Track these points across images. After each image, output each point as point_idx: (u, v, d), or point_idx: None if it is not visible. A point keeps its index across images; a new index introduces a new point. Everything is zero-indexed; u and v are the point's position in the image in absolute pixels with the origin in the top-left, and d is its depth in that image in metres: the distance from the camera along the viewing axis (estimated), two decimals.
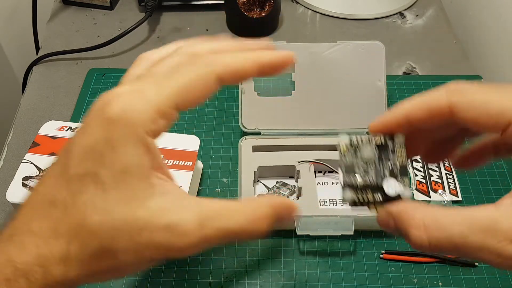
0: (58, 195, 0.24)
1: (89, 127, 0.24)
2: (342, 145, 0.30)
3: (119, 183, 0.23)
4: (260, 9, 0.69)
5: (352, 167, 0.29)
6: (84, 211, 0.23)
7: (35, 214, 0.24)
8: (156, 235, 0.23)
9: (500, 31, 0.69)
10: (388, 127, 0.28)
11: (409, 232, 0.24)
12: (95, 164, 0.23)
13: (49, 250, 0.23)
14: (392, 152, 0.29)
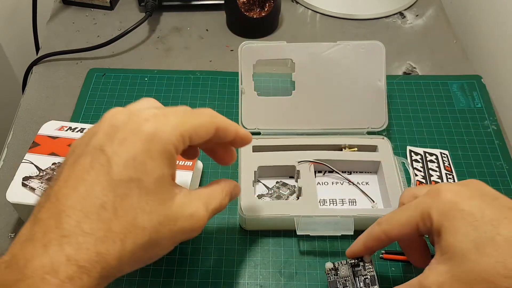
0: (105, 199, 0.28)
1: (127, 140, 0.29)
2: (327, 268, 0.43)
3: (157, 187, 0.29)
4: (260, 9, 0.69)
5: (335, 284, 0.42)
6: (134, 212, 0.28)
7: (85, 216, 0.27)
8: (184, 223, 0.31)
9: (500, 31, 0.69)
10: (358, 253, 0.41)
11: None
12: (138, 171, 0.29)
13: (106, 248, 0.27)
14: (363, 269, 0.43)
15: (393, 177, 0.51)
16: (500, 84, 0.68)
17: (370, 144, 0.54)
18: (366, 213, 0.49)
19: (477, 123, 0.60)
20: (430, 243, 0.37)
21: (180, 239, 0.32)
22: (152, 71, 0.66)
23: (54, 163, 0.48)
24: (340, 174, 0.53)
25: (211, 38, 0.72)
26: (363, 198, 0.52)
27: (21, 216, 0.49)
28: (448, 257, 0.32)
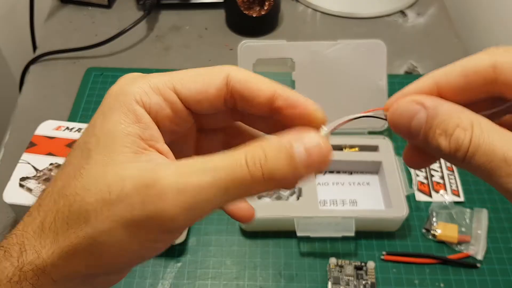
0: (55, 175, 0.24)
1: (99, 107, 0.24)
2: (331, 263, 0.44)
3: (103, 147, 0.22)
4: (259, 7, 0.69)
5: (338, 279, 0.43)
6: (69, 178, 0.22)
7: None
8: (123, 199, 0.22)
9: (502, 29, 0.69)
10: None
11: (451, 130, 0.21)
12: (87, 134, 0.23)
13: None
14: (366, 274, 0.43)
15: (394, 177, 0.50)
16: None
17: (371, 144, 0.54)
18: (367, 214, 0.48)
19: None
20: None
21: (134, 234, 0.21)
22: (151, 70, 0.65)
23: (51, 163, 0.48)
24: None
25: (210, 37, 0.72)
26: (364, 199, 0.52)
27: (18, 217, 0.49)
28: None
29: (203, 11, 0.75)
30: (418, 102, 0.22)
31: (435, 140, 0.21)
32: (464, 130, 0.20)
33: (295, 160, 0.20)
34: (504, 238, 0.50)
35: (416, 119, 0.22)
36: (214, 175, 0.20)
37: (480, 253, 0.48)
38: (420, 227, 0.50)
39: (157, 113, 0.23)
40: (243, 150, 0.21)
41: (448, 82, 0.23)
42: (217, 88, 0.23)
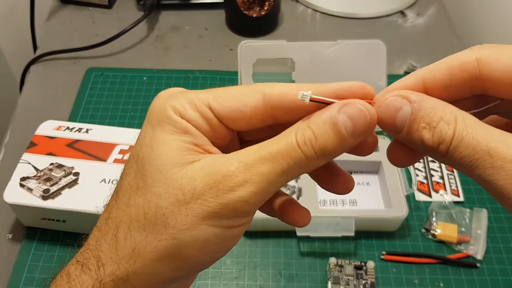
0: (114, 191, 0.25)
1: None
2: (331, 263, 0.44)
3: (159, 154, 0.23)
4: (259, 8, 0.69)
5: (338, 279, 0.43)
6: (133, 188, 0.23)
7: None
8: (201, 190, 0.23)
9: (502, 29, 0.69)
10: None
11: (435, 123, 0.21)
12: (139, 145, 0.24)
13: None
14: (366, 273, 0.43)
15: (394, 177, 0.51)
16: None
17: None
18: (367, 214, 0.48)
19: None
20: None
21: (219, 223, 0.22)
22: (151, 71, 0.66)
23: (52, 163, 0.48)
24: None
25: (211, 37, 0.72)
26: (364, 199, 0.52)
27: (18, 217, 0.49)
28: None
29: (203, 11, 0.75)
30: (404, 97, 0.22)
31: (419, 133, 0.21)
32: (448, 123, 0.20)
33: (342, 131, 0.21)
34: (504, 238, 0.50)
35: (401, 113, 0.22)
36: (273, 162, 0.21)
37: (480, 253, 0.48)
38: (419, 227, 0.50)
39: (196, 127, 0.24)
40: (293, 132, 0.22)
41: (433, 78, 0.23)
42: (252, 107, 0.23)
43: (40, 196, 0.45)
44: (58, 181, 0.46)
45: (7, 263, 0.47)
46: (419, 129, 0.21)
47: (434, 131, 0.21)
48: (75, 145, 0.49)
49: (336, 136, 0.21)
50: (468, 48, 0.23)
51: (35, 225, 0.49)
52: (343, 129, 0.21)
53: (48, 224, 0.48)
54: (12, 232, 0.50)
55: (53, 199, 0.45)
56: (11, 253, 0.48)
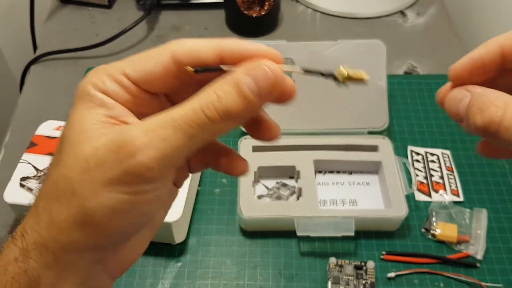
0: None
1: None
2: (331, 263, 0.45)
3: (75, 132, 0.24)
4: (259, 8, 0.69)
5: (338, 279, 0.43)
6: (53, 165, 0.24)
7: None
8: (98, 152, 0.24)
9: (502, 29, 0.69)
10: (468, 71, 0.26)
11: (486, 107, 0.23)
12: (64, 126, 0.25)
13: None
14: (366, 273, 0.44)
15: (394, 177, 0.51)
16: None
17: (370, 144, 0.54)
18: (367, 214, 0.48)
19: None
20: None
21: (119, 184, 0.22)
22: None
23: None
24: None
25: (210, 37, 0.71)
26: (364, 199, 0.52)
27: (18, 217, 0.49)
28: None
29: (203, 11, 0.75)
30: (467, 89, 0.25)
31: (473, 117, 0.23)
32: (497, 107, 0.22)
33: (246, 92, 0.22)
34: (504, 238, 0.50)
35: (463, 102, 0.24)
36: (174, 126, 0.22)
37: (480, 253, 0.48)
38: (419, 227, 0.50)
39: (116, 97, 0.24)
40: (197, 97, 0.22)
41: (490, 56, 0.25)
42: (163, 66, 0.24)
43: None
44: None
45: None
46: (474, 113, 0.23)
47: (485, 113, 0.23)
48: None
49: (241, 98, 0.22)
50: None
51: None
52: (247, 90, 0.22)
53: None
54: (12, 232, 0.49)
55: None
56: None
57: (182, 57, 0.24)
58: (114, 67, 0.24)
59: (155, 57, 0.24)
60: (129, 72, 0.24)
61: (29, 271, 0.23)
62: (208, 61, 0.24)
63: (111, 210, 0.22)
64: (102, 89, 0.24)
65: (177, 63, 0.24)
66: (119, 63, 0.25)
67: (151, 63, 0.24)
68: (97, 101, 0.24)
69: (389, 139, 0.54)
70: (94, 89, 0.24)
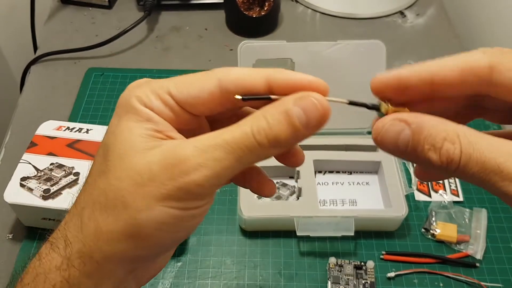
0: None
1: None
2: (331, 263, 0.45)
3: (122, 141, 0.24)
4: (259, 8, 0.69)
5: (338, 279, 0.44)
6: (98, 173, 0.25)
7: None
8: (159, 173, 0.24)
9: (501, 29, 0.69)
10: (400, 88, 0.25)
11: (440, 144, 0.21)
12: (106, 134, 0.25)
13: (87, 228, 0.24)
14: (365, 273, 0.44)
15: (394, 177, 0.51)
16: None
17: (370, 144, 0.54)
18: (366, 214, 0.48)
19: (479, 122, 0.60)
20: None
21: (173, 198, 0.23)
22: (151, 71, 0.66)
23: (52, 163, 0.48)
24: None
25: (210, 37, 0.72)
26: (364, 198, 0.52)
27: (19, 216, 0.49)
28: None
29: (203, 11, 0.75)
30: (401, 120, 0.23)
31: (425, 155, 0.22)
32: (452, 142, 0.21)
33: (295, 122, 0.22)
34: (503, 237, 0.50)
35: (402, 137, 0.22)
36: (226, 148, 0.23)
37: (479, 252, 0.48)
38: (419, 226, 0.50)
39: (160, 115, 0.25)
40: (249, 122, 0.23)
41: (444, 77, 0.24)
42: (209, 92, 0.24)
43: (40, 196, 0.45)
44: (59, 181, 0.46)
45: (7, 263, 0.47)
46: (424, 150, 0.22)
47: (440, 151, 0.21)
48: (75, 145, 0.49)
49: (290, 127, 0.22)
50: (479, 50, 0.23)
51: (35, 225, 0.49)
52: (297, 120, 0.22)
53: (48, 224, 0.48)
54: (12, 232, 0.50)
55: (53, 199, 0.45)
56: (11, 253, 0.48)
57: (229, 85, 0.24)
58: (160, 85, 0.25)
59: (201, 81, 0.25)
60: (175, 93, 0.25)
61: (71, 279, 0.24)
62: (257, 89, 0.24)
63: (161, 223, 0.23)
64: (148, 105, 0.25)
65: (224, 90, 0.24)
66: (165, 82, 0.25)
67: (197, 87, 0.25)
68: (143, 115, 0.24)
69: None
70: (140, 103, 0.25)
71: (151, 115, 0.25)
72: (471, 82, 0.23)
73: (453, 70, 0.23)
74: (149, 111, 0.25)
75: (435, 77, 0.24)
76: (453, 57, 0.24)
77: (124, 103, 0.25)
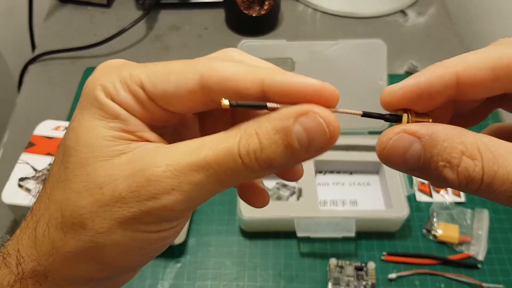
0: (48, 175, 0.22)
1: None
2: (332, 264, 0.45)
3: (84, 144, 0.21)
4: (259, 7, 0.69)
5: (338, 280, 0.43)
6: (56, 181, 0.21)
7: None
8: (120, 186, 0.21)
9: (502, 29, 0.69)
10: (400, 96, 0.21)
11: (457, 160, 0.18)
12: (68, 130, 0.22)
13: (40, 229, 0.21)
14: (366, 274, 0.44)
15: (395, 178, 0.50)
16: None
17: (371, 144, 0.53)
18: (367, 214, 0.48)
19: None
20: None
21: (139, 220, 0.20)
22: None
23: (50, 163, 0.47)
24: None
25: (210, 36, 0.71)
26: (365, 199, 0.52)
27: (17, 217, 0.49)
28: None
29: (202, 10, 0.75)
30: (410, 132, 0.19)
31: (439, 173, 0.18)
32: (472, 157, 0.18)
33: (294, 145, 0.18)
34: (505, 238, 0.49)
35: (411, 152, 0.19)
36: (208, 172, 0.19)
37: (481, 253, 0.48)
38: (420, 227, 0.50)
39: (129, 110, 0.21)
40: (237, 137, 0.19)
41: (474, 77, 0.19)
42: (188, 90, 0.20)
43: None
44: None
45: None
46: (439, 168, 0.18)
47: (458, 169, 0.18)
48: None
49: (287, 150, 0.18)
50: (503, 42, 0.21)
51: None
52: (296, 143, 0.18)
53: None
54: (10, 233, 0.49)
55: None
56: None
57: (213, 85, 0.20)
58: (130, 73, 0.21)
59: (179, 75, 0.21)
60: (147, 86, 0.21)
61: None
62: (248, 93, 0.19)
63: (125, 247, 0.20)
64: (115, 99, 0.21)
65: (206, 90, 0.20)
66: (136, 69, 0.22)
67: (173, 82, 0.20)
68: (109, 111, 0.21)
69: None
70: (106, 96, 0.21)
71: (119, 111, 0.21)
72: (507, 80, 0.19)
73: (483, 69, 0.19)
74: (116, 106, 0.21)
75: (462, 79, 0.19)
76: (478, 53, 0.20)
77: (89, 92, 0.21)
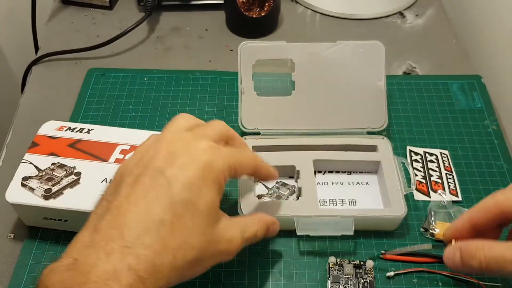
0: (164, 216, 0.32)
1: (186, 166, 0.34)
2: (331, 262, 0.46)
3: (208, 211, 0.34)
4: (259, 9, 0.69)
5: (337, 278, 0.45)
6: (188, 231, 0.32)
7: (145, 231, 0.31)
8: (223, 245, 0.36)
9: (500, 30, 0.69)
10: (460, 231, 0.39)
11: (474, 254, 0.35)
12: (194, 194, 0.33)
13: (161, 261, 0.30)
14: (365, 272, 0.45)
15: (393, 177, 0.51)
16: (500, 84, 0.68)
17: (370, 144, 0.54)
18: (366, 213, 0.49)
19: (477, 123, 0.60)
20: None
21: (217, 261, 0.36)
22: (152, 71, 0.66)
23: (54, 163, 0.48)
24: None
25: (211, 38, 0.72)
26: (363, 198, 0.52)
27: (20, 216, 0.49)
28: None
29: (203, 12, 0.76)
30: (456, 248, 0.37)
31: (468, 263, 0.36)
32: (480, 249, 0.35)
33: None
34: (503, 237, 0.50)
35: (457, 256, 0.36)
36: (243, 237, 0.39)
37: None
38: (418, 226, 0.51)
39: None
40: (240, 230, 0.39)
41: (485, 219, 0.38)
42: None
43: (41, 196, 0.45)
44: (60, 181, 0.47)
45: (8, 262, 0.47)
46: (468, 260, 0.35)
47: (476, 259, 0.35)
48: (76, 145, 0.50)
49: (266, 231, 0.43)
50: (506, 194, 0.37)
51: (36, 224, 0.49)
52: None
53: (49, 224, 0.48)
54: (13, 231, 0.50)
55: (54, 198, 0.45)
56: (12, 252, 0.48)
57: (237, 167, 0.40)
58: (232, 162, 0.37)
59: (247, 164, 0.41)
60: (234, 171, 0.38)
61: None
62: (249, 170, 0.43)
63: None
64: (226, 180, 0.36)
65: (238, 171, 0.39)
66: (234, 159, 0.38)
67: (245, 169, 0.41)
68: (221, 191, 0.35)
69: (388, 139, 0.54)
70: (223, 181, 0.36)
71: (222, 189, 0.35)
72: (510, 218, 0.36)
73: (490, 213, 0.38)
74: (223, 186, 0.35)
75: (504, 209, 0.36)
76: (488, 201, 0.39)
77: (214, 171, 0.34)
